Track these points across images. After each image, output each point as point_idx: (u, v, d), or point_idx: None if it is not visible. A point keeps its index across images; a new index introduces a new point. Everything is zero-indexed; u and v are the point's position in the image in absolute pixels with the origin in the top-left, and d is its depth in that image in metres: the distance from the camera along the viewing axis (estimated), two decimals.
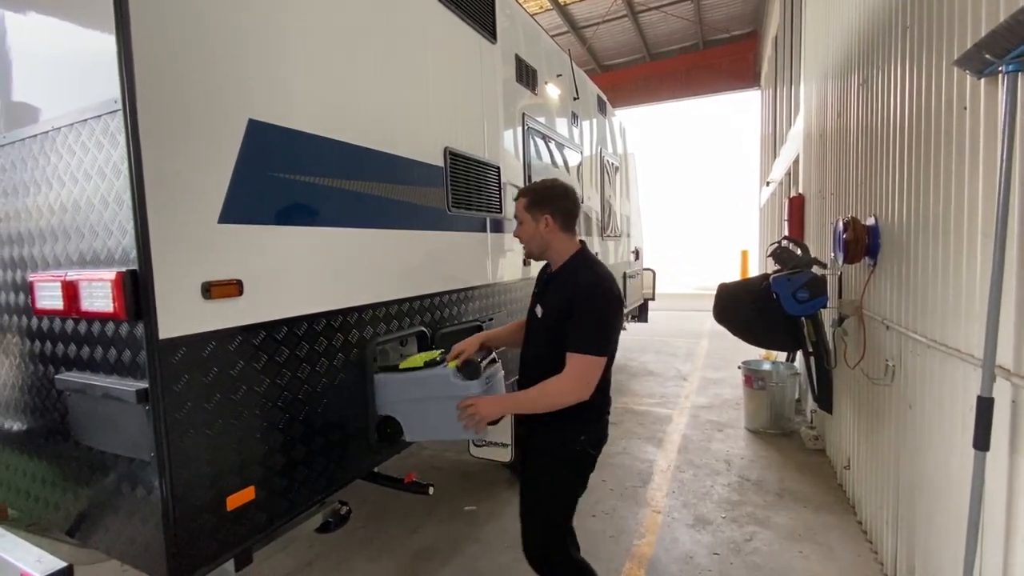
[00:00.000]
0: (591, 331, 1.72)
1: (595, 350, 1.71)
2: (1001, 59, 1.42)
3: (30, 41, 1.68)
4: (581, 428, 1.83)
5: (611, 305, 1.78)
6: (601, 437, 1.92)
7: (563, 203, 1.87)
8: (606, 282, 1.81)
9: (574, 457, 1.86)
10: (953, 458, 1.85)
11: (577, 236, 1.95)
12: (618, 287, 1.87)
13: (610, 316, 1.78)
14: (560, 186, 1.93)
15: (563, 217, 1.85)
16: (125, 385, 1.42)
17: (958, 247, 1.82)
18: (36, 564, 1.34)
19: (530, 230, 1.89)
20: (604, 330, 1.75)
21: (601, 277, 1.83)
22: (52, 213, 1.60)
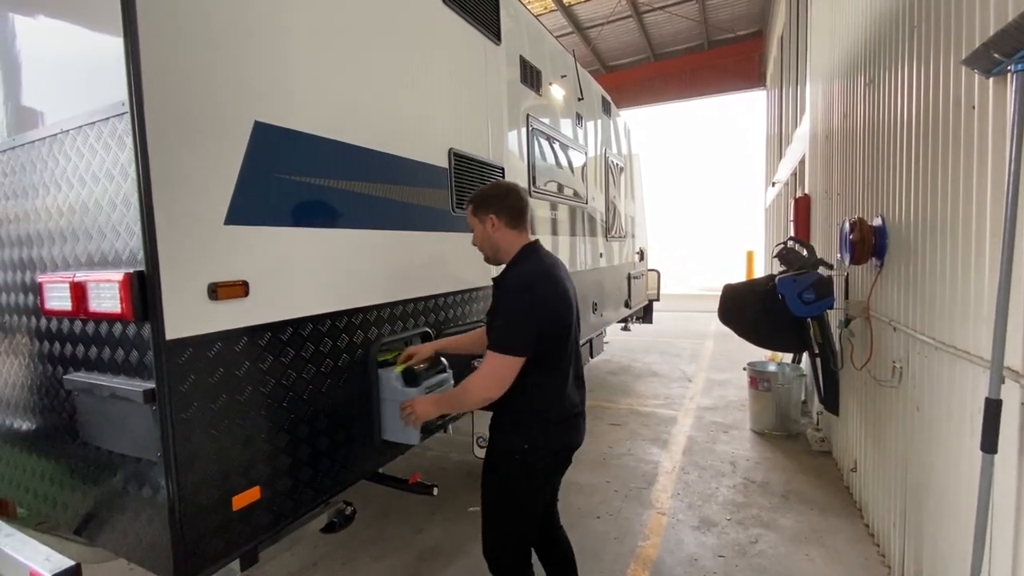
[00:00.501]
0: (502, 329, 1.70)
1: (503, 348, 1.67)
2: (1010, 58, 1.41)
3: (38, 45, 1.69)
4: (523, 436, 1.78)
5: (528, 302, 1.70)
6: (548, 447, 1.80)
7: (506, 201, 1.84)
8: (531, 277, 1.75)
9: (514, 466, 1.79)
10: (961, 461, 1.84)
11: (527, 233, 1.90)
12: (557, 284, 1.77)
13: (524, 314, 1.69)
14: (502, 185, 1.94)
15: (508, 214, 1.83)
16: (132, 385, 1.43)
17: (966, 248, 1.80)
18: (45, 563, 1.36)
19: (479, 234, 1.90)
20: (515, 328, 1.68)
21: (530, 273, 1.77)
22: (60, 215, 1.62)
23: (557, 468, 1.89)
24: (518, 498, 1.83)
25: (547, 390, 1.78)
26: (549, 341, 1.74)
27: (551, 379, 1.77)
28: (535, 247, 1.89)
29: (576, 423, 1.88)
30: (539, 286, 1.74)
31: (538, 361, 1.73)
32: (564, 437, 1.84)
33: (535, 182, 3.68)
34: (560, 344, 1.79)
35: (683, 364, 7.38)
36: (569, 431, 1.86)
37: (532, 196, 3.65)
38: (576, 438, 1.89)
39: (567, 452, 1.87)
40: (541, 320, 1.71)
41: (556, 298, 1.77)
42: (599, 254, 5.28)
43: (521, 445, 1.78)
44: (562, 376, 1.81)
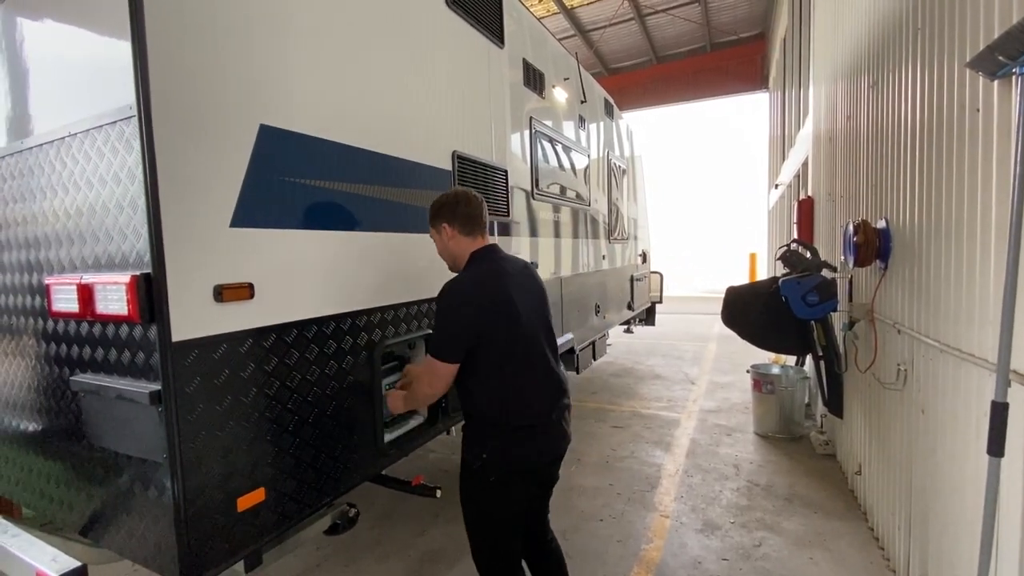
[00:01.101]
0: (434, 333, 1.75)
1: (433, 351, 1.71)
2: (1015, 61, 1.41)
3: (46, 49, 1.71)
4: (481, 445, 1.75)
5: (456, 307, 1.69)
6: (509, 459, 1.73)
7: (457, 208, 1.83)
8: (463, 283, 1.75)
9: (475, 477, 1.77)
10: (967, 464, 1.83)
11: (482, 239, 1.87)
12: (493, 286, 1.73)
13: (450, 320, 1.69)
14: (454, 192, 1.91)
15: (461, 222, 1.83)
16: (138, 387, 1.44)
17: (971, 250, 1.80)
18: (51, 563, 1.37)
19: (439, 245, 1.92)
20: (442, 334, 1.70)
21: (465, 279, 1.77)
22: (68, 218, 1.63)
23: (523, 480, 1.78)
24: (484, 509, 1.80)
25: (496, 397, 1.72)
26: (490, 345, 1.69)
27: (503, 384, 1.72)
28: (485, 252, 1.85)
29: (539, 433, 1.77)
30: (469, 291, 1.73)
31: (482, 366, 1.71)
32: (522, 448, 1.74)
33: (538, 184, 3.69)
34: (506, 348, 1.72)
35: (686, 366, 7.36)
36: (529, 441, 1.75)
37: (535, 199, 3.65)
38: (538, 451, 1.78)
39: (527, 465, 1.77)
40: (471, 326, 1.68)
41: (491, 301, 1.71)
42: (602, 256, 5.28)
43: (479, 455, 1.75)
44: (513, 382, 1.74)
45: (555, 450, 1.84)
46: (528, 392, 1.77)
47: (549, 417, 1.80)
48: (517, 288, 1.79)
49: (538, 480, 1.87)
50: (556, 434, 1.82)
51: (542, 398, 1.80)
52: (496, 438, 1.74)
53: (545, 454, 1.82)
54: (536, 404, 1.78)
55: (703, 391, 6.06)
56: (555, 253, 4.06)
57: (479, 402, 1.75)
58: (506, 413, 1.73)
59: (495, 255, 1.87)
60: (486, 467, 1.74)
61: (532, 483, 1.83)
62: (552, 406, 1.81)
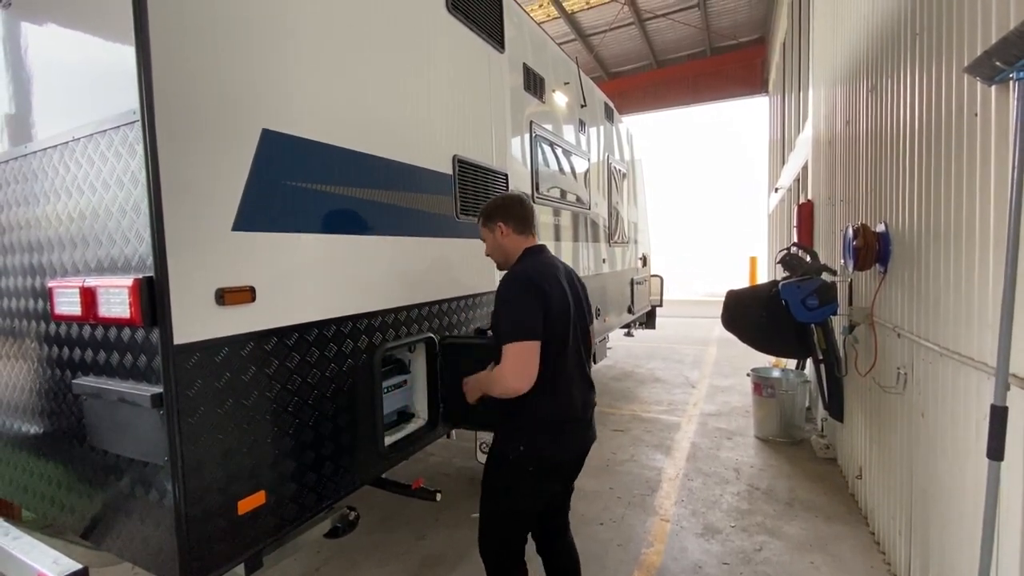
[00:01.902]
0: (510, 319, 1.72)
1: (518, 335, 1.68)
2: (1012, 66, 1.42)
3: (51, 54, 1.72)
4: (520, 437, 1.78)
5: (526, 290, 1.73)
6: (546, 452, 1.78)
7: (512, 210, 1.93)
8: (526, 271, 1.80)
9: (509, 466, 1.81)
10: (967, 468, 1.83)
11: (533, 238, 1.97)
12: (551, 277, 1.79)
13: (526, 299, 1.72)
14: (508, 195, 2.04)
15: (515, 221, 1.92)
16: (140, 390, 1.45)
17: (970, 254, 1.80)
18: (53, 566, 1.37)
19: (490, 243, 1.98)
20: (522, 314, 1.70)
21: (525, 267, 1.83)
22: (71, 221, 1.64)
23: (552, 476, 1.85)
24: (509, 500, 1.85)
25: (547, 392, 1.76)
26: (548, 335, 1.73)
27: (551, 380, 1.75)
28: (538, 249, 1.95)
29: (575, 431, 1.84)
30: (533, 277, 1.78)
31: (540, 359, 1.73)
32: (559, 443, 1.80)
33: (538, 188, 3.70)
34: (559, 341, 1.78)
35: (686, 370, 7.35)
36: (566, 436, 1.82)
37: (535, 202, 3.66)
38: (573, 446, 1.85)
39: (561, 459, 1.83)
40: (540, 305, 1.72)
41: (551, 290, 1.76)
42: (602, 260, 5.29)
43: (517, 447, 1.78)
44: (563, 377, 1.80)
45: (584, 446, 1.91)
46: (572, 388, 1.83)
47: (585, 413, 1.88)
48: (568, 284, 1.87)
49: (565, 475, 1.93)
50: (588, 431, 1.91)
51: (583, 394, 1.88)
52: (540, 431, 1.78)
53: (577, 449, 1.88)
54: (578, 400, 1.85)
55: (703, 395, 6.05)
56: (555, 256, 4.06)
57: (526, 396, 1.74)
58: (551, 407, 1.78)
59: (546, 252, 1.97)
60: (523, 459, 1.78)
61: (559, 478, 1.90)
62: (587, 402, 1.90)
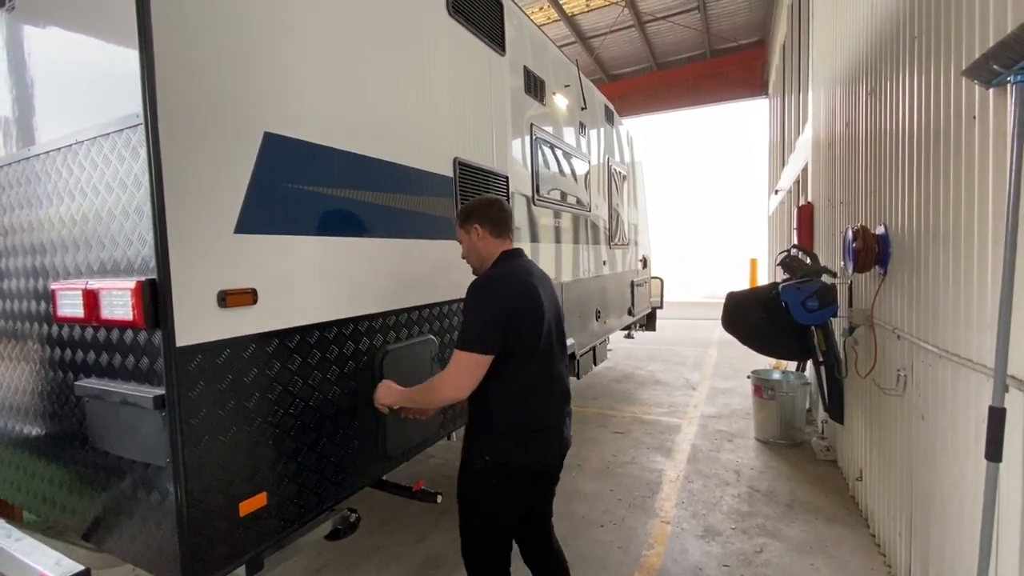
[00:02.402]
0: (465, 326, 1.71)
1: (466, 344, 1.66)
2: (1009, 70, 1.43)
3: (54, 57, 1.73)
4: (484, 445, 1.75)
5: (490, 297, 1.70)
6: (511, 460, 1.73)
7: (490, 212, 1.90)
8: (495, 277, 1.78)
9: (475, 476, 1.77)
10: (966, 469, 1.83)
11: (510, 243, 1.93)
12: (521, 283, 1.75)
13: (486, 309, 1.68)
14: (485, 198, 1.99)
15: (492, 224, 1.89)
16: (142, 392, 1.45)
17: (968, 256, 1.81)
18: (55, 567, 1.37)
19: (466, 245, 1.95)
20: (478, 324, 1.68)
21: (496, 273, 1.80)
22: (74, 224, 1.65)
23: (521, 484, 1.79)
24: (482, 510, 1.81)
25: (511, 400, 1.73)
26: (516, 344, 1.70)
27: (516, 388, 1.73)
28: (512, 253, 1.91)
29: (543, 439, 1.79)
30: (502, 283, 1.75)
31: (505, 366, 1.70)
32: (527, 452, 1.76)
33: (539, 190, 3.71)
34: (529, 349, 1.74)
35: (687, 372, 7.35)
36: (535, 445, 1.77)
37: (536, 204, 3.67)
38: (542, 455, 1.80)
39: (530, 468, 1.78)
40: (503, 314, 1.68)
41: (519, 297, 1.73)
42: (602, 262, 5.29)
43: (482, 457, 1.75)
44: (529, 386, 1.76)
45: (556, 455, 1.86)
46: (543, 396, 1.80)
47: (556, 422, 1.84)
48: (542, 290, 1.83)
49: (538, 484, 1.88)
50: (560, 439, 1.86)
51: (553, 403, 1.84)
52: (504, 440, 1.74)
53: (548, 458, 1.84)
54: (548, 408, 1.82)
55: (704, 396, 6.05)
56: (556, 259, 4.07)
57: (493, 403, 1.74)
58: (519, 416, 1.75)
59: (522, 257, 1.93)
60: (489, 468, 1.74)
61: (532, 486, 1.85)
62: (560, 411, 1.86)
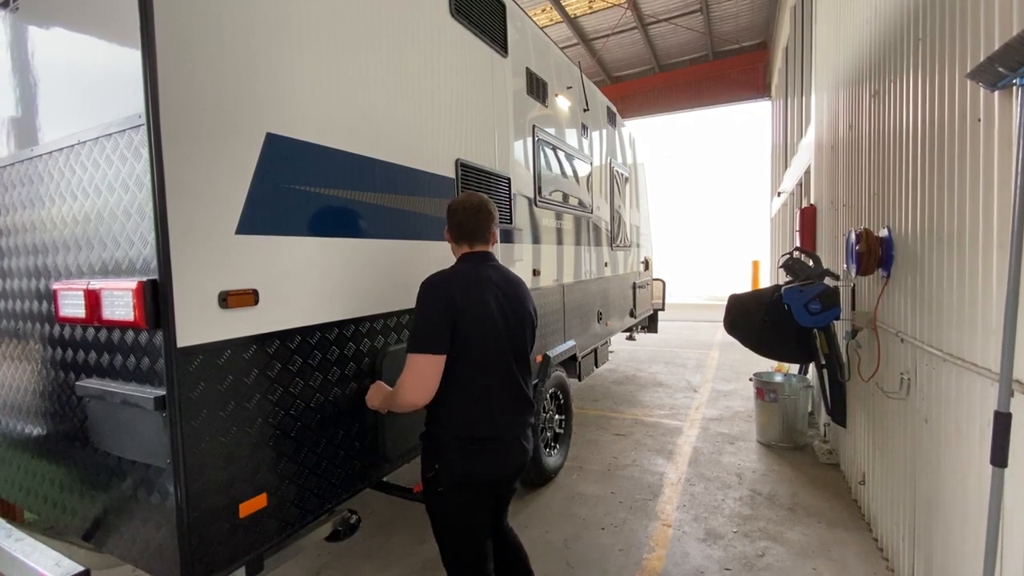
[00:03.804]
0: (413, 328, 1.69)
1: (418, 347, 1.63)
2: (1014, 72, 1.42)
3: (57, 57, 1.74)
4: (435, 456, 1.72)
5: (432, 298, 1.67)
6: (459, 470, 1.68)
7: (453, 216, 1.87)
8: (440, 276, 1.74)
9: (428, 484, 1.74)
10: (970, 474, 1.82)
11: (473, 247, 1.86)
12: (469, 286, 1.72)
13: (430, 309, 1.65)
14: (453, 201, 1.92)
15: (454, 229, 1.87)
16: (143, 392, 1.45)
17: (973, 259, 1.80)
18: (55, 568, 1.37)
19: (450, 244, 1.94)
20: (425, 325, 1.65)
21: (438, 276, 1.75)
22: (76, 224, 1.65)
23: (476, 493, 1.73)
24: (440, 519, 1.77)
25: (458, 407, 1.69)
26: (457, 348, 1.66)
27: (464, 395, 1.69)
28: (471, 256, 1.85)
29: (494, 449, 1.72)
30: (444, 285, 1.71)
31: (449, 373, 1.66)
32: (476, 461, 1.70)
33: (540, 192, 3.71)
34: (472, 355, 1.68)
35: (688, 374, 7.34)
36: (485, 455, 1.71)
37: (537, 206, 3.67)
38: (493, 465, 1.73)
39: (480, 478, 1.72)
40: (447, 317, 1.64)
41: (460, 299, 1.67)
42: (604, 263, 5.29)
43: (433, 465, 1.72)
44: (477, 393, 1.70)
45: (511, 465, 1.79)
46: (493, 405, 1.73)
47: (509, 432, 1.76)
48: (497, 297, 1.76)
49: (493, 493, 1.82)
50: (514, 450, 1.79)
51: (504, 411, 1.76)
52: (453, 449, 1.69)
53: (499, 468, 1.76)
54: (499, 418, 1.74)
55: (706, 399, 6.04)
56: (558, 260, 4.07)
57: (442, 410, 1.70)
58: (466, 424, 1.70)
59: (482, 260, 1.84)
60: (439, 477, 1.70)
61: (486, 495, 1.78)
62: (513, 421, 1.78)
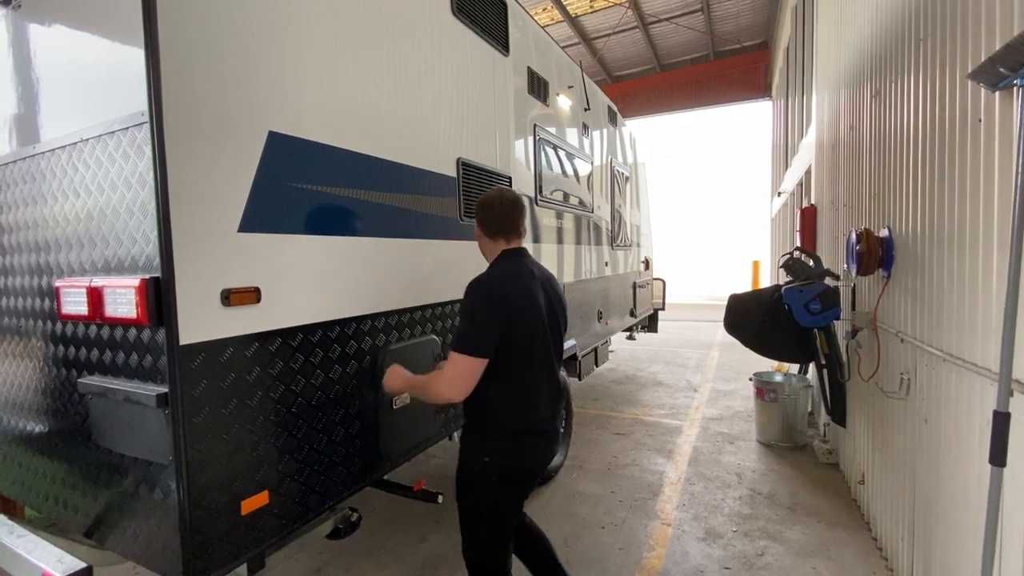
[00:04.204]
0: (460, 328, 1.70)
1: (462, 348, 1.65)
2: (1015, 72, 1.42)
3: (60, 55, 1.74)
4: (485, 448, 1.76)
5: (485, 301, 1.68)
6: (513, 464, 1.76)
7: (487, 212, 1.89)
8: (490, 277, 1.76)
9: (475, 479, 1.78)
10: (970, 473, 1.82)
11: (510, 242, 1.89)
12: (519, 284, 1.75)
13: (481, 312, 1.67)
14: (487, 197, 1.94)
15: (486, 224, 1.90)
16: (146, 389, 1.46)
17: (973, 259, 1.80)
18: (57, 564, 1.38)
19: (478, 240, 1.98)
20: (473, 327, 1.67)
21: (492, 274, 1.79)
22: (78, 221, 1.65)
23: (521, 483, 1.82)
24: (481, 510, 1.81)
25: (510, 403, 1.73)
26: (512, 345, 1.69)
27: (514, 390, 1.73)
28: (513, 252, 1.88)
29: (538, 442, 1.81)
30: (497, 285, 1.73)
31: (502, 368, 1.70)
32: (525, 453, 1.78)
33: (541, 191, 3.71)
34: (526, 350, 1.74)
35: (688, 374, 7.34)
36: (533, 446, 1.80)
37: (538, 205, 3.67)
38: (539, 455, 1.83)
39: (523, 473, 1.81)
40: (499, 316, 1.67)
41: (516, 297, 1.71)
42: (604, 263, 5.29)
43: (480, 459, 1.76)
44: (527, 389, 1.77)
45: (547, 457, 1.89)
46: (539, 398, 1.80)
47: (552, 424, 1.86)
48: (540, 291, 1.82)
49: (532, 484, 1.90)
50: (554, 441, 1.89)
51: (549, 404, 1.84)
52: (502, 441, 1.76)
53: (545, 458, 1.87)
54: (544, 410, 1.81)
55: (705, 398, 6.04)
56: (558, 259, 4.07)
57: (492, 406, 1.75)
58: (516, 418, 1.76)
59: (521, 256, 1.89)
60: (488, 470, 1.75)
61: (527, 484, 1.87)
62: (555, 413, 1.88)
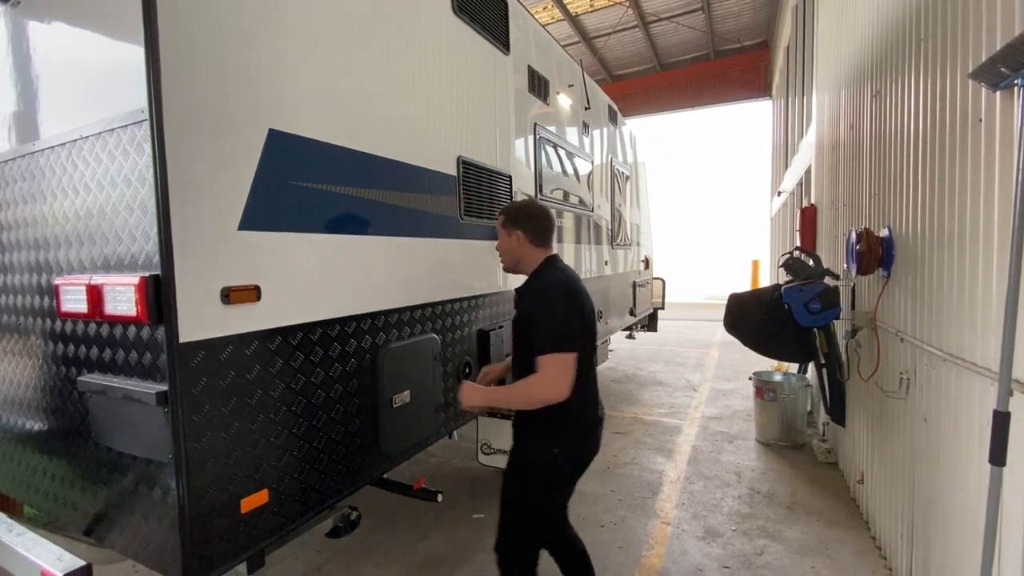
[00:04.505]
0: (550, 330, 1.78)
1: (558, 347, 1.76)
2: (1016, 72, 1.42)
3: (59, 52, 1.73)
4: (555, 440, 1.85)
5: (565, 302, 1.83)
6: (580, 454, 1.91)
7: (535, 221, 2.00)
8: (565, 284, 1.89)
9: (541, 469, 1.87)
10: (969, 473, 1.83)
11: (548, 250, 2.04)
12: (576, 287, 1.91)
13: (566, 313, 1.82)
14: (530, 208, 2.10)
15: (535, 233, 1.99)
16: (145, 387, 1.45)
17: (973, 259, 1.80)
18: (56, 562, 1.38)
19: (505, 244, 2.04)
20: (563, 327, 1.79)
21: (563, 280, 1.91)
22: (78, 219, 1.65)
23: (579, 473, 1.95)
24: (538, 501, 1.90)
25: (579, 395, 1.83)
26: (581, 342, 1.83)
27: (582, 383, 1.84)
28: (555, 258, 2.03)
29: (597, 430, 1.98)
30: (571, 286, 1.90)
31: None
32: (587, 443, 1.94)
33: (541, 190, 3.71)
34: (588, 348, 1.89)
35: (688, 373, 7.35)
36: (592, 437, 1.96)
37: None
38: (595, 447, 1.98)
39: (588, 460, 1.95)
40: (580, 314, 1.84)
41: (583, 299, 1.89)
42: (604, 262, 5.29)
43: (551, 450, 1.84)
44: (591, 378, 1.93)
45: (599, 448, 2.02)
46: (593, 391, 1.96)
47: (604, 413, 2.05)
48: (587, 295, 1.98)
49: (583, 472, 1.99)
50: (602, 430, 2.03)
51: (598, 397, 2.01)
52: (569, 434, 1.87)
53: (594, 451, 1.99)
54: (599, 402, 2.00)
55: (705, 398, 6.05)
56: None
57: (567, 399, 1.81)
58: (585, 409, 1.90)
59: (564, 263, 2.04)
60: (559, 460, 1.85)
61: (580, 475, 1.96)
62: (602, 403, 2.05)
